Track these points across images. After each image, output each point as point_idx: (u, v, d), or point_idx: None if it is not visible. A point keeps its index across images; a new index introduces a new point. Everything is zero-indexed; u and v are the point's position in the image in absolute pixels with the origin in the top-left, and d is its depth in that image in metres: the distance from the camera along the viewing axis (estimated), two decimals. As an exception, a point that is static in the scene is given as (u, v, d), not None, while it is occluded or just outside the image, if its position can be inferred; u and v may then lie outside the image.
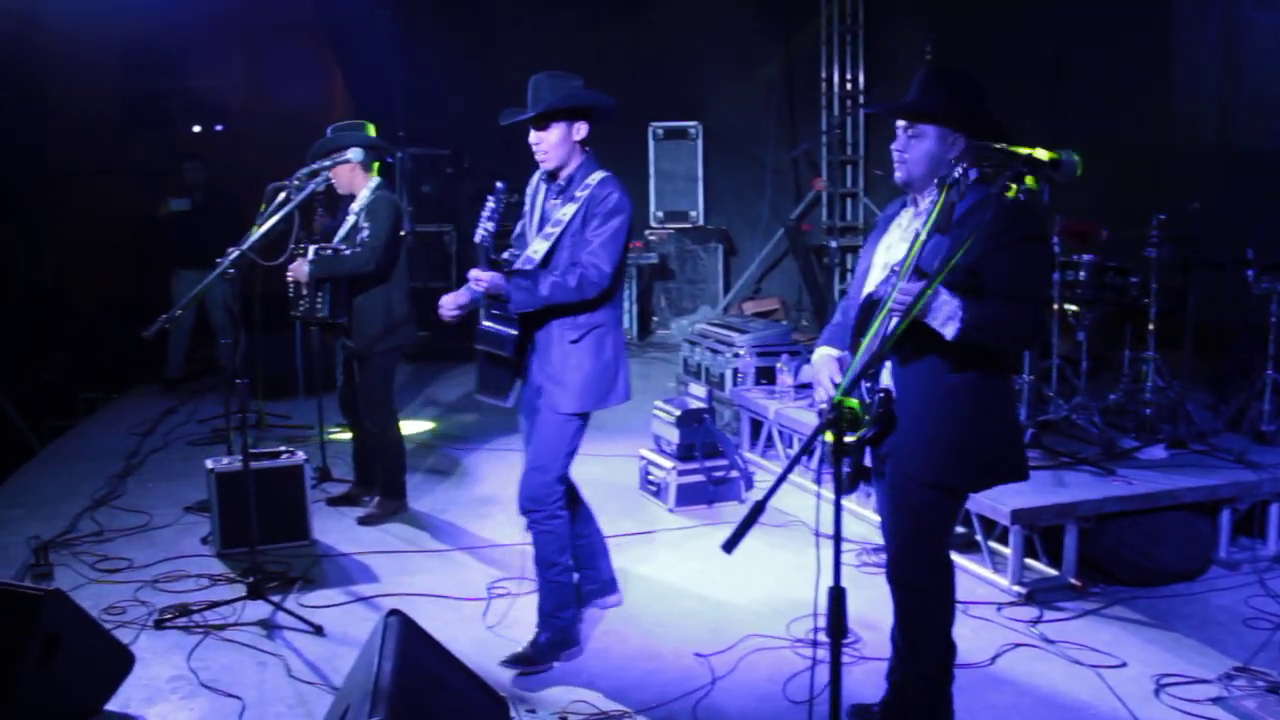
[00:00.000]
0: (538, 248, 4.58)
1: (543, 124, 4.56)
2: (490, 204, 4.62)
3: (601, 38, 12.36)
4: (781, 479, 2.79)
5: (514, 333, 4.61)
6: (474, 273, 4.58)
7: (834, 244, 12.17)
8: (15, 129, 12.02)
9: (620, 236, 4.55)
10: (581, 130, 4.61)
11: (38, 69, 12.88)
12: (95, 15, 12.45)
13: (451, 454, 8.09)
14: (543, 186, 4.78)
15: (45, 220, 13.58)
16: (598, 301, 4.57)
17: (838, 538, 2.86)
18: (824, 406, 3.68)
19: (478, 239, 4.60)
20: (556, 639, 4.80)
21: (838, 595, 2.76)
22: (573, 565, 4.92)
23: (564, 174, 4.65)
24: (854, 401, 3.13)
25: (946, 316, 3.38)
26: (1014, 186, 3.16)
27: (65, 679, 4.08)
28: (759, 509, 2.64)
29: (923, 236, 3.44)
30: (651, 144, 12.62)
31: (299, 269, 6.12)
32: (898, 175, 3.73)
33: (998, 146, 3.41)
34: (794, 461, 2.83)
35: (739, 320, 9.34)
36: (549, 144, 4.57)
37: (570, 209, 4.56)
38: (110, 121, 14.06)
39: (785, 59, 12.76)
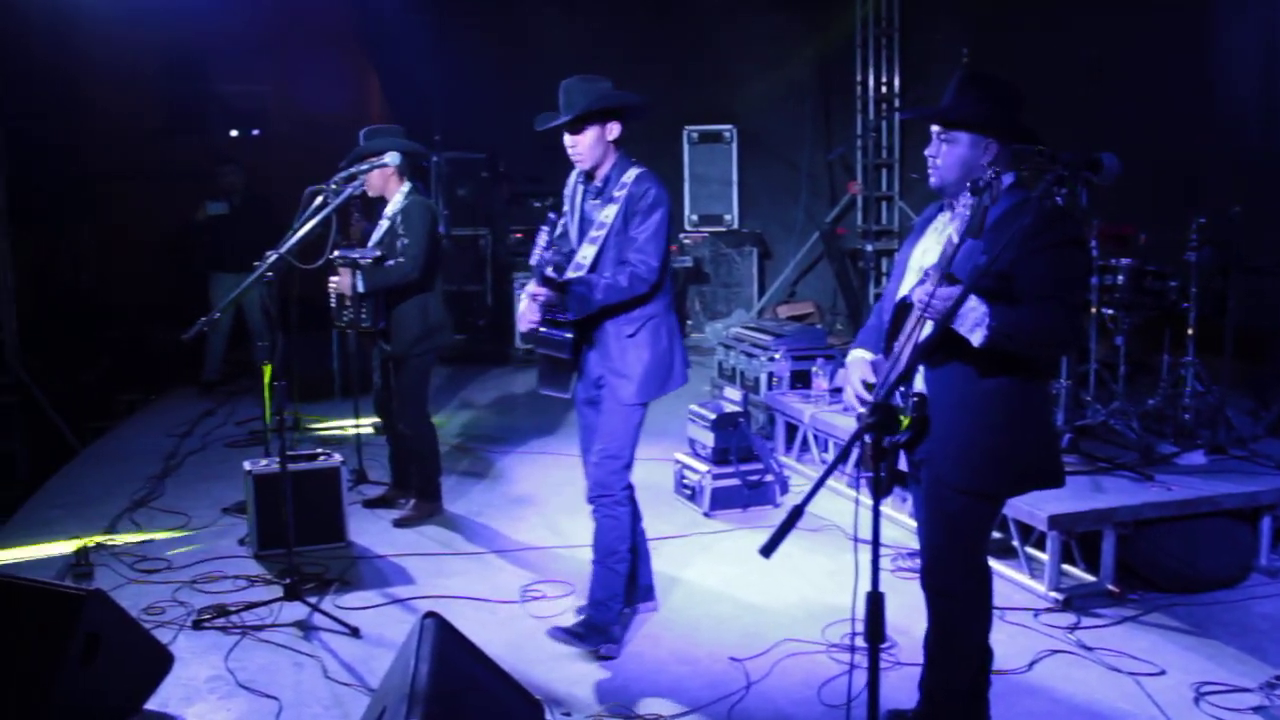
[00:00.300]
0: (586, 253, 4.73)
1: (577, 127, 4.68)
2: (545, 233, 4.76)
3: (636, 41, 12.37)
4: (819, 483, 2.79)
5: (570, 336, 4.78)
6: (531, 288, 4.73)
7: (869, 248, 12.13)
8: (56, 134, 12.15)
9: (663, 229, 4.68)
10: (614, 130, 4.73)
11: (78, 74, 13.01)
12: (134, 22, 12.55)
13: (486, 456, 8.12)
14: (580, 186, 4.91)
15: (85, 224, 13.72)
16: (650, 294, 4.71)
17: (876, 543, 2.85)
18: (862, 410, 3.68)
19: (534, 262, 4.72)
20: (600, 625, 4.91)
21: (876, 600, 2.75)
22: (629, 558, 4.98)
23: (600, 174, 4.78)
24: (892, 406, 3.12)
25: (974, 323, 3.37)
26: (1053, 190, 3.14)
27: (105, 678, 4.12)
28: (797, 513, 2.63)
29: (955, 241, 3.43)
30: (686, 147, 12.61)
31: (344, 282, 6.14)
32: (931, 180, 3.72)
33: (1039, 149, 3.38)
34: (832, 466, 2.82)
35: (774, 324, 9.32)
36: (584, 146, 4.70)
37: (611, 210, 4.70)
38: (149, 127, 14.18)
39: (820, 62, 12.73)
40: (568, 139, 4.72)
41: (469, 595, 5.54)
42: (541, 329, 4.82)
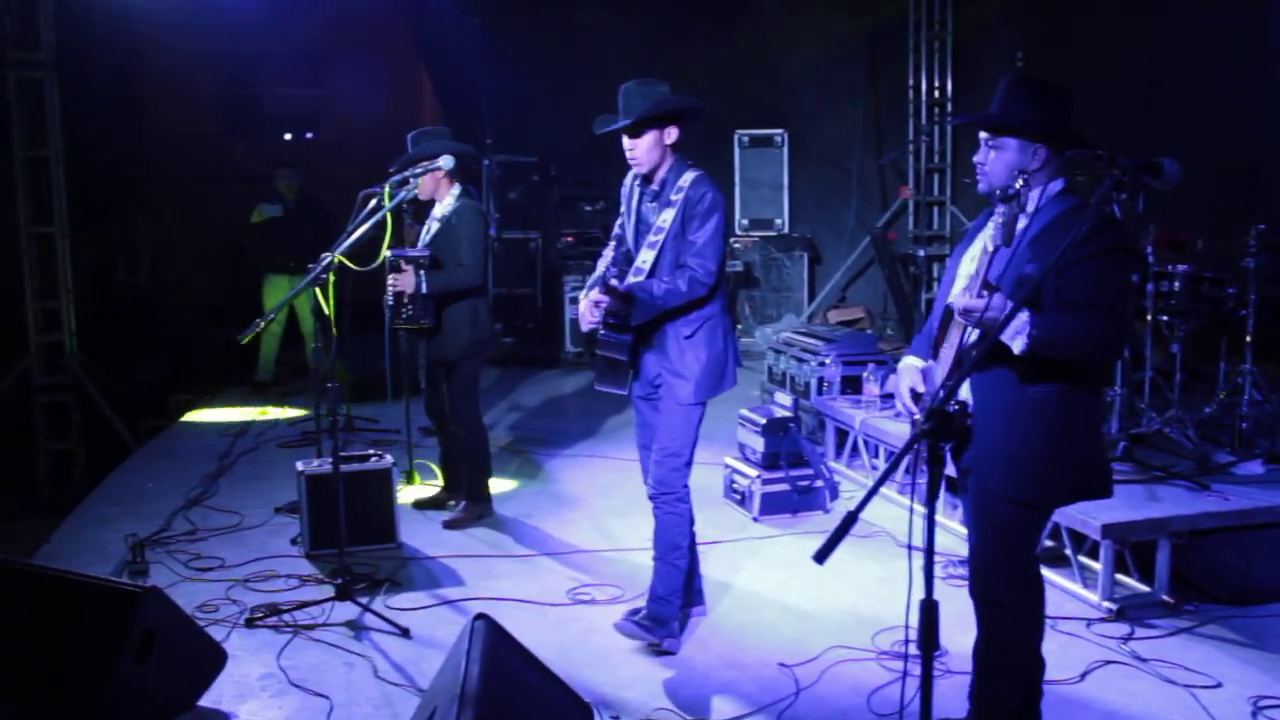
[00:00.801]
0: (645, 258, 4.80)
1: (635, 131, 4.74)
2: (612, 247, 5.13)
3: (687, 45, 12.37)
4: (874, 490, 2.77)
5: (629, 338, 4.84)
6: (594, 294, 4.83)
7: (921, 253, 12.05)
8: (114, 138, 12.33)
9: (720, 233, 4.72)
10: (672, 134, 4.78)
11: (136, 80, 13.21)
12: (191, 29, 12.72)
13: (536, 459, 8.15)
14: (636, 189, 4.96)
15: (141, 226, 13.92)
16: (708, 296, 4.76)
17: (929, 550, 2.83)
18: (918, 416, 3.65)
19: (601, 273, 4.99)
20: (663, 617, 4.95)
21: (929, 608, 2.73)
22: (689, 555, 5.03)
23: (657, 177, 4.83)
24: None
25: (1015, 331, 3.34)
26: (1112, 195, 3.11)
27: (160, 675, 4.18)
28: (851, 520, 2.62)
29: (989, 249, 3.41)
30: (737, 152, 12.59)
31: (407, 280, 6.18)
32: (979, 186, 3.70)
33: (1098, 153, 3.35)
34: (887, 472, 2.80)
35: (825, 329, 9.28)
36: (641, 150, 4.76)
37: (669, 214, 4.75)
38: (204, 131, 14.36)
39: (872, 66, 12.67)
40: (626, 142, 4.78)
41: (518, 597, 5.56)
42: (602, 331, 4.88)
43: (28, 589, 4.40)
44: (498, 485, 7.00)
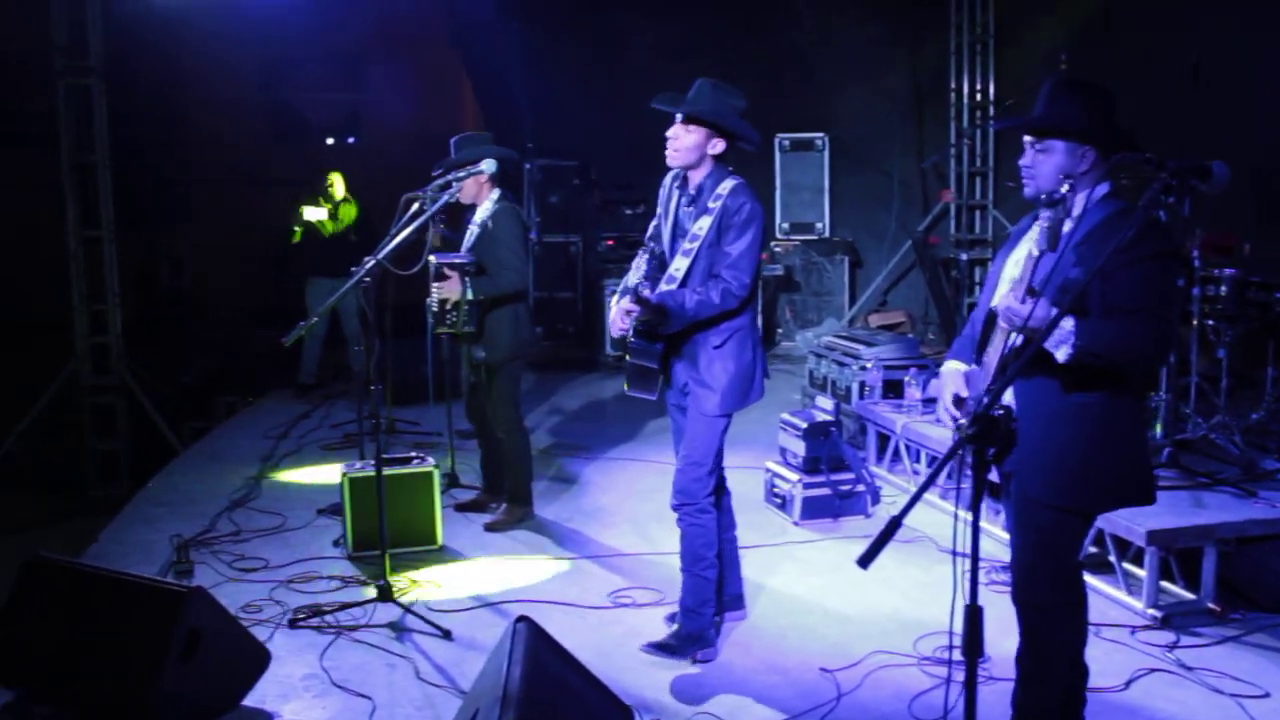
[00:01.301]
0: (679, 265, 4.73)
1: (688, 122, 4.65)
2: (643, 256, 5.01)
3: (728, 49, 12.37)
4: (918, 495, 2.76)
5: (659, 347, 4.81)
6: (625, 303, 4.73)
7: (964, 257, 11.98)
8: (160, 143, 12.47)
9: (757, 244, 4.66)
10: (718, 146, 4.70)
11: (180, 85, 13.35)
12: (234, 33, 12.86)
13: (576, 462, 8.16)
14: (675, 190, 4.87)
15: (186, 230, 14.06)
16: (739, 307, 4.70)
17: (975, 555, 2.82)
18: (964, 421, 3.63)
19: (633, 284, 4.87)
20: (694, 634, 4.89)
21: (974, 614, 2.71)
22: (717, 564, 4.95)
23: (695, 180, 4.75)
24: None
25: (1059, 340, 3.31)
26: (1160, 199, 3.08)
27: (205, 674, 4.22)
28: (895, 524, 2.61)
29: (1034, 254, 3.38)
30: (778, 155, 12.57)
31: (453, 286, 6.20)
32: (1026, 191, 3.65)
33: (1146, 156, 3.31)
34: (931, 477, 2.79)
35: (866, 333, 9.25)
36: (682, 145, 4.68)
37: (705, 222, 4.67)
38: (247, 135, 14.50)
39: (913, 69, 12.62)
40: (673, 129, 4.68)
41: (559, 600, 5.57)
42: (632, 339, 4.84)
43: (77, 587, 4.46)
44: (538, 488, 7.01)
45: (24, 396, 9.65)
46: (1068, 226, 3.52)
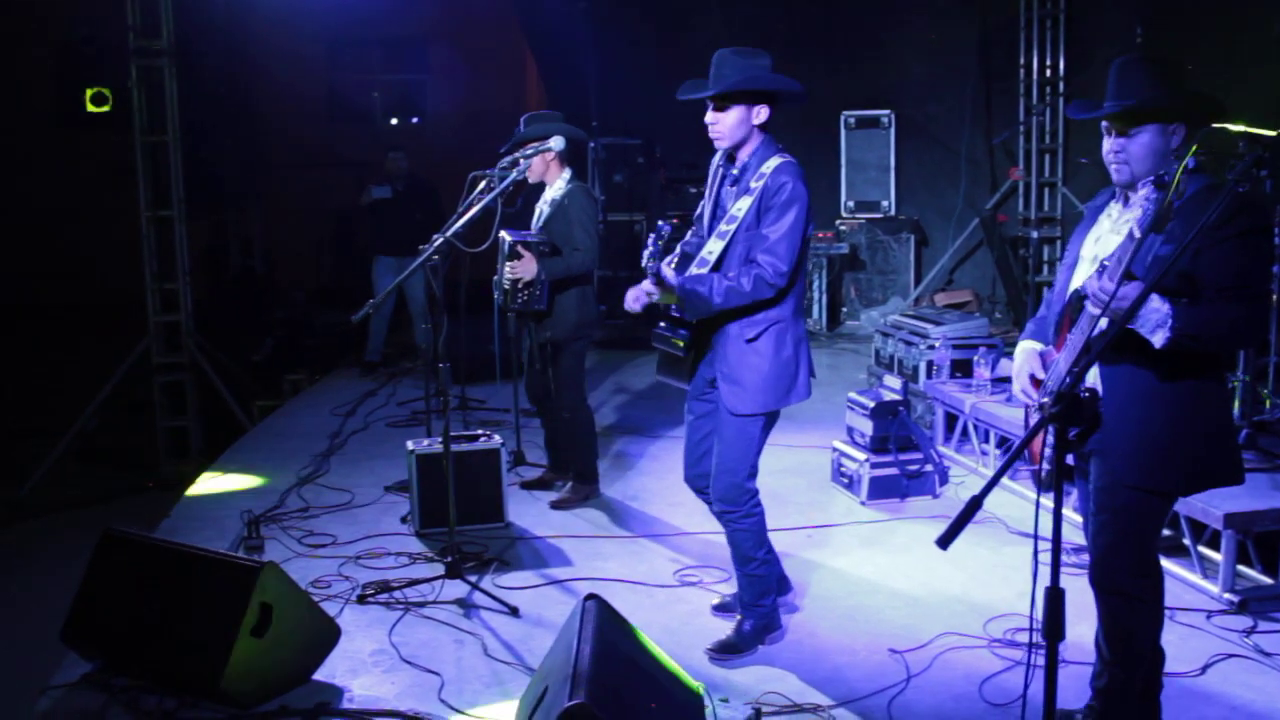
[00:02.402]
0: (712, 248, 4.44)
1: (721, 104, 4.36)
2: (652, 240, 4.41)
3: (794, 26, 12.27)
4: (999, 475, 2.71)
5: (685, 333, 4.61)
6: (646, 286, 4.50)
7: (1034, 235, 11.81)
8: (229, 124, 12.60)
9: (798, 229, 4.32)
10: (762, 114, 4.38)
11: (248, 66, 13.48)
12: (300, 14, 12.96)
13: (640, 441, 8.15)
14: (721, 169, 4.62)
15: (255, 210, 14.22)
16: (776, 298, 4.38)
17: (1057, 537, 2.77)
18: (1031, 402, 3.57)
19: (644, 264, 4.45)
20: (759, 625, 4.75)
21: (1056, 596, 2.67)
22: (771, 556, 4.78)
23: (740, 158, 4.47)
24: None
25: (1155, 324, 3.25)
26: (1253, 173, 2.99)
27: (277, 648, 4.27)
28: (976, 505, 2.57)
29: (1137, 236, 3.28)
30: (843, 133, 12.45)
31: (528, 267, 6.20)
32: (1118, 176, 3.54)
33: (1237, 129, 3.23)
34: (1013, 457, 2.75)
35: (933, 312, 9.15)
36: (725, 125, 4.38)
37: (745, 202, 4.37)
38: (314, 114, 14.63)
39: (981, 44, 12.43)
40: (710, 115, 4.39)
41: (625, 578, 5.57)
42: (660, 324, 4.66)
43: (153, 562, 4.53)
44: (602, 467, 7.01)
45: (99, 375, 9.81)
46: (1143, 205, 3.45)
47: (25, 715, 4.29)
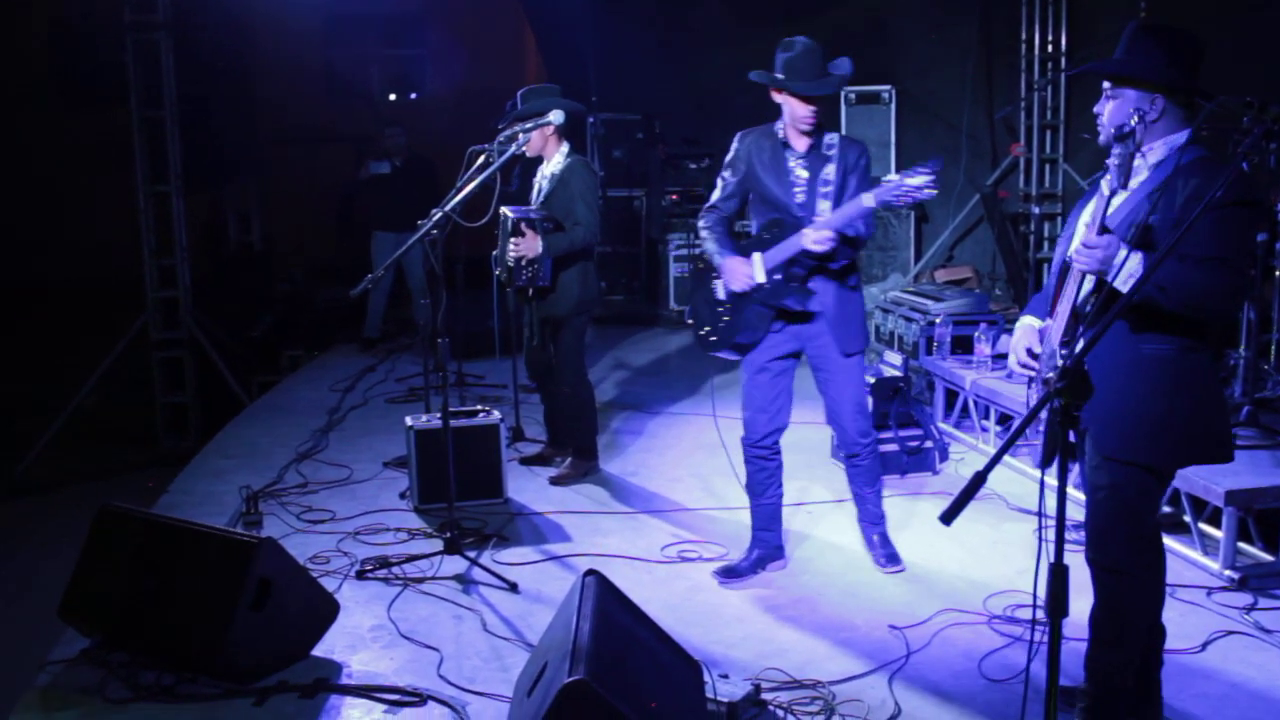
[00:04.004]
0: (823, 207, 4.96)
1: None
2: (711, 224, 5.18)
3: (792, 2, 12.18)
4: (1002, 451, 2.69)
5: (813, 291, 5.03)
6: (811, 233, 4.81)
7: (1036, 210, 11.76)
8: (226, 99, 12.53)
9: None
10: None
11: (245, 41, 13.41)
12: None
13: (639, 417, 8.13)
14: (767, 146, 5.06)
15: (252, 185, 14.17)
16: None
17: (1061, 513, 2.75)
18: (1050, 375, 3.56)
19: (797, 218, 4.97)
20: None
21: (1059, 573, 2.65)
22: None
23: (810, 139, 5.01)
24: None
25: (1129, 273, 3.25)
26: (1262, 145, 2.98)
27: (276, 623, 4.26)
28: (980, 480, 2.55)
29: (1104, 193, 3.31)
30: (844, 109, 12.36)
31: (530, 244, 6.18)
32: (1100, 138, 3.58)
33: (1247, 100, 3.21)
34: (1016, 433, 2.73)
35: (933, 288, 9.12)
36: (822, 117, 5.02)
37: (831, 168, 4.97)
38: (311, 90, 14.56)
39: (983, 19, 12.34)
40: (807, 108, 4.92)
41: (624, 554, 5.56)
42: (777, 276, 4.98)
43: (150, 537, 4.51)
44: (602, 443, 6.99)
45: (98, 352, 9.78)
46: (1144, 175, 3.44)
47: (24, 691, 4.28)
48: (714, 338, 5.17)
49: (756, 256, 4.98)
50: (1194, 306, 3.34)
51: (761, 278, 4.97)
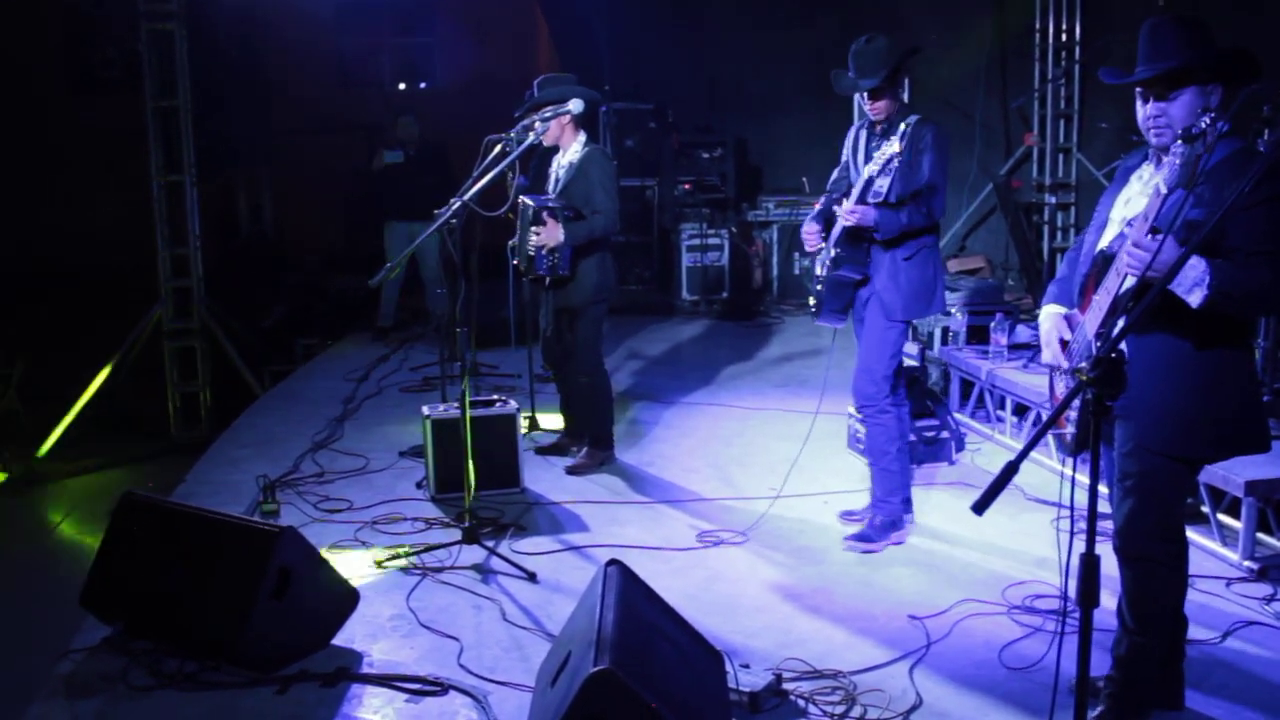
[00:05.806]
0: (881, 184, 5.19)
1: (878, 94, 5.24)
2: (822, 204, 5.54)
3: (806, -9, 12.15)
4: (1034, 442, 2.69)
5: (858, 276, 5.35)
6: (846, 210, 5.20)
7: (1051, 200, 11.72)
8: (239, 88, 12.54)
9: (942, 168, 5.22)
10: (903, 84, 5.60)
11: (259, 30, 13.39)
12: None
13: (655, 407, 8.12)
14: (863, 134, 5.45)
15: (267, 174, 14.17)
16: (927, 226, 5.25)
17: (1093, 503, 2.75)
18: (1083, 365, 3.54)
19: (822, 209, 5.47)
20: (887, 520, 5.45)
21: (1090, 564, 2.65)
22: (903, 458, 5.48)
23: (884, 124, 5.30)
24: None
25: (1193, 283, 3.20)
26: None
27: (296, 612, 4.27)
28: (1012, 470, 2.55)
29: (1163, 191, 3.24)
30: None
31: (550, 234, 6.16)
32: (1159, 141, 3.46)
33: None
34: (1049, 423, 2.72)
35: (948, 278, 9.08)
36: (883, 108, 5.24)
37: (897, 146, 5.10)
38: (322, 79, 14.54)
39: (997, 8, 12.29)
40: (871, 104, 5.24)
41: (642, 544, 5.56)
42: (838, 271, 5.34)
43: (171, 526, 4.52)
44: (618, 433, 6.98)
45: (112, 342, 9.80)
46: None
47: (46, 678, 4.30)
48: (816, 309, 5.54)
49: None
50: (1252, 305, 3.34)
51: (822, 245, 5.39)
